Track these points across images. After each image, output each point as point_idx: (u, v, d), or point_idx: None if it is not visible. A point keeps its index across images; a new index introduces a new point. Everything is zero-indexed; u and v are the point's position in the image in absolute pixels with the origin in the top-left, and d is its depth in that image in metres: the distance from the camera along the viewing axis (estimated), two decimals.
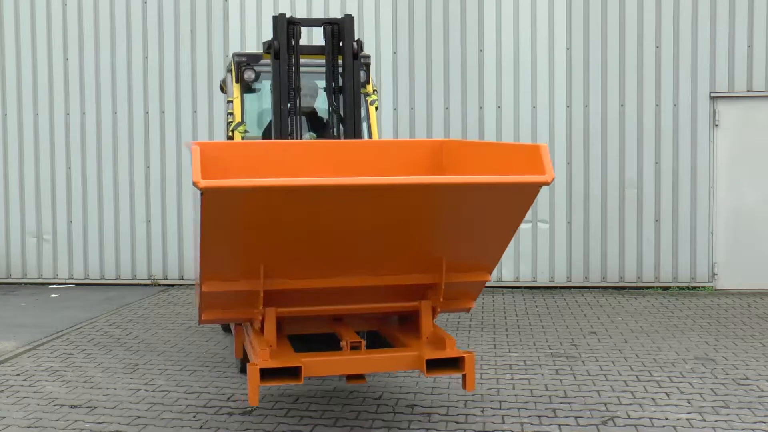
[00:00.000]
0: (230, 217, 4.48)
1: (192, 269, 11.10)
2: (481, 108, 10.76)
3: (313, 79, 7.49)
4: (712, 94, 10.45)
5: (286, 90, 6.81)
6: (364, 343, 5.30)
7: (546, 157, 4.53)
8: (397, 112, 10.83)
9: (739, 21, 10.43)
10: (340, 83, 6.95)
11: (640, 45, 10.55)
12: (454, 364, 5.14)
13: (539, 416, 5.77)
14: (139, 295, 10.51)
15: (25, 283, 11.44)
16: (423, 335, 5.42)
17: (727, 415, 5.79)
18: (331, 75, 6.93)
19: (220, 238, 4.64)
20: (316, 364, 5.06)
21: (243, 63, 7.37)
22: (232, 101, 7.36)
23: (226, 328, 8.07)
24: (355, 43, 6.88)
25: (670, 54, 10.51)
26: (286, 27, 6.79)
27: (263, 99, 8.17)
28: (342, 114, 6.96)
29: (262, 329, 5.26)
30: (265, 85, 7.83)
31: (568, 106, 10.67)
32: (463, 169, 5.73)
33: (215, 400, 6.21)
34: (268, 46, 6.82)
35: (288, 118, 6.83)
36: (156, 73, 11.15)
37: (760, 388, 6.42)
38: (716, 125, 10.47)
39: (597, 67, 10.61)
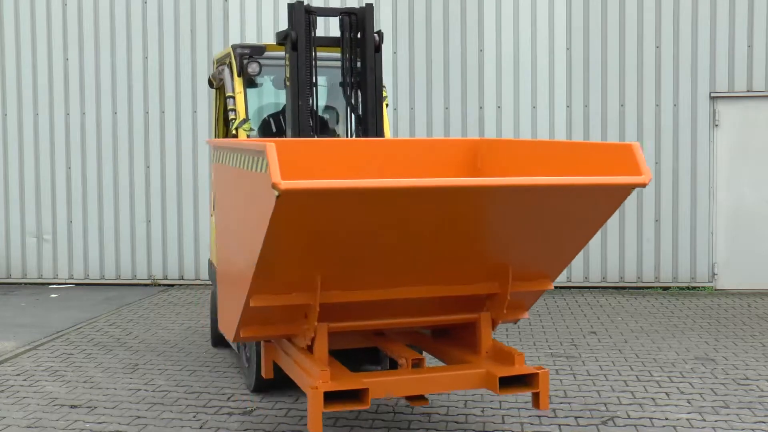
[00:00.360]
0: (300, 223, 4.08)
1: (192, 270, 11.09)
2: (481, 108, 10.76)
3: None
4: (712, 94, 10.44)
5: (305, 84, 6.36)
6: (425, 360, 4.98)
7: (641, 157, 4.24)
8: (397, 112, 10.83)
9: (739, 21, 10.42)
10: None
11: (640, 45, 10.54)
12: (523, 380, 4.78)
13: (539, 416, 5.77)
14: (139, 295, 10.50)
15: (25, 283, 11.43)
16: (482, 349, 5.06)
17: (727, 415, 5.79)
18: (348, 69, 6.53)
19: (283, 247, 4.21)
20: (379, 385, 4.67)
21: (245, 55, 6.86)
22: (233, 97, 6.88)
23: (219, 342, 7.66)
24: (376, 35, 6.51)
25: (670, 54, 10.51)
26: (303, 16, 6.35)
27: (264, 94, 7.95)
28: (360, 111, 6.60)
29: (309, 347, 4.82)
30: (266, 80, 7.67)
31: (568, 106, 10.67)
32: (504, 169, 5.40)
33: (215, 400, 6.21)
34: (284, 36, 6.41)
35: (307, 115, 6.38)
36: (156, 73, 11.14)
37: (760, 388, 6.41)
38: (716, 125, 10.47)
39: (597, 67, 10.61)
